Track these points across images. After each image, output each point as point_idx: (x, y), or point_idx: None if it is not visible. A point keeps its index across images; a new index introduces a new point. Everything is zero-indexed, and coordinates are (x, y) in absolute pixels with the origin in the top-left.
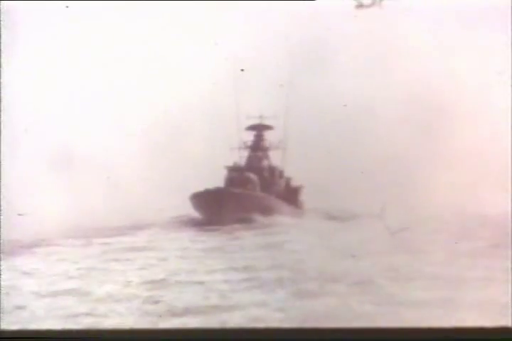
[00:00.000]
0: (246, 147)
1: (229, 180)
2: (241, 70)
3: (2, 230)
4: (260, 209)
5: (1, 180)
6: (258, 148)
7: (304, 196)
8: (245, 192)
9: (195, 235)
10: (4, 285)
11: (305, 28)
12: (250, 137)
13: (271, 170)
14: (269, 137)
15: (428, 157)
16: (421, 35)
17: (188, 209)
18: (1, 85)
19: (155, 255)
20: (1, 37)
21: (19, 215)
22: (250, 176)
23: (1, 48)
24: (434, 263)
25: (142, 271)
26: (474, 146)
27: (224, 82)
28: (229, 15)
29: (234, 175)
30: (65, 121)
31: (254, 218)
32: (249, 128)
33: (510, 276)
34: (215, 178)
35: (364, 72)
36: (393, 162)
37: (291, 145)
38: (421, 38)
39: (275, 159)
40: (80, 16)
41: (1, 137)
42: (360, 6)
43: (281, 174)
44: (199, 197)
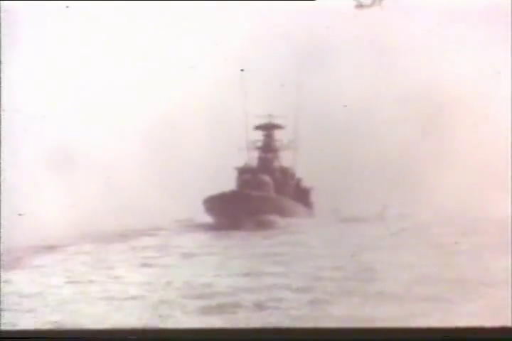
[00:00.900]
0: (255, 147)
1: (243, 182)
2: (241, 70)
3: (2, 230)
4: (278, 211)
5: (1, 180)
6: (269, 149)
7: (315, 197)
8: (263, 194)
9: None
10: None
11: (305, 28)
12: (257, 137)
13: (283, 171)
14: (278, 137)
15: (429, 157)
16: (421, 35)
17: (193, 212)
18: (1, 85)
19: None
20: (1, 37)
21: (19, 215)
22: (265, 178)
23: (1, 48)
24: (435, 263)
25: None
26: (475, 146)
27: (226, 82)
28: (229, 15)
29: (247, 177)
30: (65, 121)
31: (273, 220)
32: (257, 127)
33: (510, 276)
34: (222, 180)
35: (364, 72)
36: (394, 162)
37: (300, 145)
38: (421, 38)
39: (285, 159)
40: (80, 16)
41: (1, 137)
42: (360, 6)
43: (292, 175)
44: (214, 201)
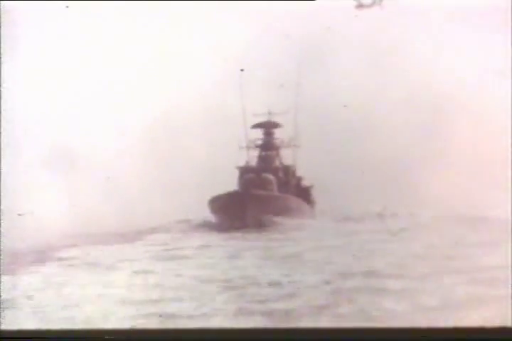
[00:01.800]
0: (255, 146)
1: (247, 182)
2: (241, 70)
3: (2, 230)
4: (285, 210)
5: (1, 180)
6: (269, 147)
7: (315, 195)
8: (269, 193)
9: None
10: None
11: (305, 28)
12: (256, 135)
13: (285, 170)
14: (278, 135)
15: (429, 157)
16: (421, 35)
17: (193, 212)
18: (1, 85)
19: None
20: (1, 37)
21: (19, 215)
22: (268, 177)
23: (1, 48)
24: (435, 263)
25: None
26: (475, 146)
27: (225, 82)
28: (229, 15)
29: (251, 177)
30: (65, 122)
31: (280, 220)
32: (257, 125)
33: (510, 276)
34: (222, 179)
35: (364, 72)
36: (394, 162)
37: (301, 142)
38: (421, 38)
39: (285, 158)
40: (80, 16)
41: (1, 137)
42: (360, 6)
43: (293, 173)
44: (220, 201)
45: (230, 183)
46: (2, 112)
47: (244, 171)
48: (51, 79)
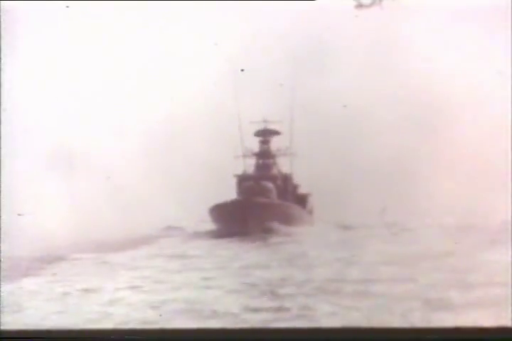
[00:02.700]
0: (252, 154)
1: (246, 190)
2: (241, 70)
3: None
4: (287, 218)
5: (1, 180)
6: (267, 155)
7: (314, 202)
8: (271, 201)
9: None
10: None
11: (305, 28)
12: (253, 142)
13: (283, 178)
14: (274, 143)
15: (428, 158)
16: (421, 35)
17: (190, 219)
18: (1, 85)
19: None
20: (1, 37)
21: (19, 215)
22: (268, 185)
23: (1, 48)
24: (435, 263)
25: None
26: (474, 146)
27: (224, 83)
28: (229, 15)
29: (250, 184)
30: (65, 122)
31: (280, 228)
32: (255, 134)
33: (510, 276)
34: (219, 186)
35: (364, 72)
36: (394, 163)
37: (297, 150)
38: (421, 38)
39: (282, 165)
40: (80, 16)
41: (1, 137)
42: (360, 6)
43: (291, 181)
44: (222, 209)
45: (229, 191)
46: (2, 112)
47: (242, 179)
48: (51, 79)
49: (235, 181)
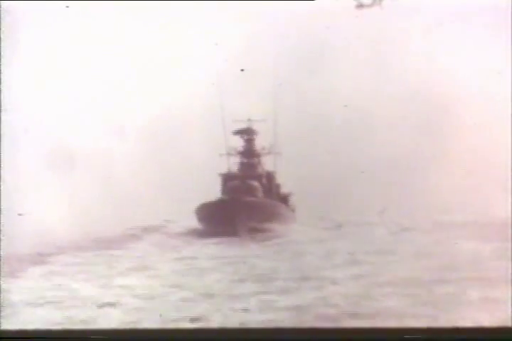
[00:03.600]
0: (236, 153)
1: (232, 189)
2: (241, 70)
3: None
4: (274, 216)
5: (1, 180)
6: (251, 154)
7: (297, 201)
8: (259, 200)
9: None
10: None
11: (305, 28)
12: (236, 141)
13: (268, 177)
14: (258, 141)
15: (428, 158)
16: (421, 34)
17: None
18: (1, 85)
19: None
20: (1, 37)
21: (19, 215)
22: (254, 184)
23: (1, 48)
24: (435, 263)
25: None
26: (474, 146)
27: (225, 83)
28: (228, 15)
29: (236, 184)
30: (65, 122)
31: (272, 227)
32: (237, 132)
33: (510, 276)
34: (203, 185)
35: (364, 72)
36: (393, 163)
37: (282, 149)
38: (421, 38)
39: (266, 164)
40: (80, 16)
41: (1, 137)
42: (360, 6)
43: (274, 180)
44: (208, 208)
45: (213, 189)
46: (2, 112)
47: (227, 178)
48: (51, 79)
49: (220, 180)
